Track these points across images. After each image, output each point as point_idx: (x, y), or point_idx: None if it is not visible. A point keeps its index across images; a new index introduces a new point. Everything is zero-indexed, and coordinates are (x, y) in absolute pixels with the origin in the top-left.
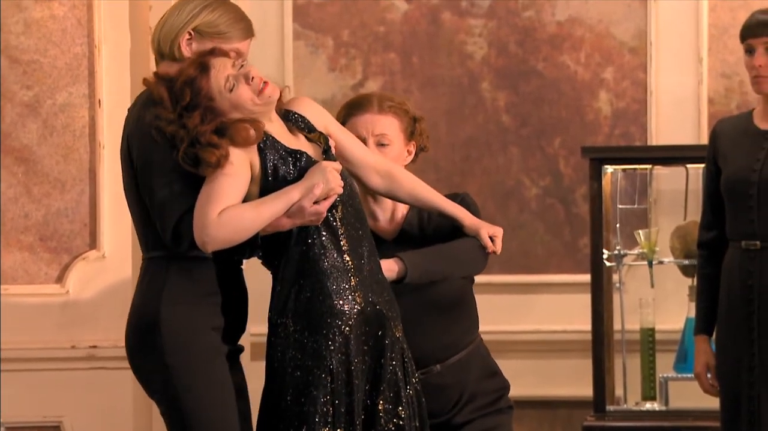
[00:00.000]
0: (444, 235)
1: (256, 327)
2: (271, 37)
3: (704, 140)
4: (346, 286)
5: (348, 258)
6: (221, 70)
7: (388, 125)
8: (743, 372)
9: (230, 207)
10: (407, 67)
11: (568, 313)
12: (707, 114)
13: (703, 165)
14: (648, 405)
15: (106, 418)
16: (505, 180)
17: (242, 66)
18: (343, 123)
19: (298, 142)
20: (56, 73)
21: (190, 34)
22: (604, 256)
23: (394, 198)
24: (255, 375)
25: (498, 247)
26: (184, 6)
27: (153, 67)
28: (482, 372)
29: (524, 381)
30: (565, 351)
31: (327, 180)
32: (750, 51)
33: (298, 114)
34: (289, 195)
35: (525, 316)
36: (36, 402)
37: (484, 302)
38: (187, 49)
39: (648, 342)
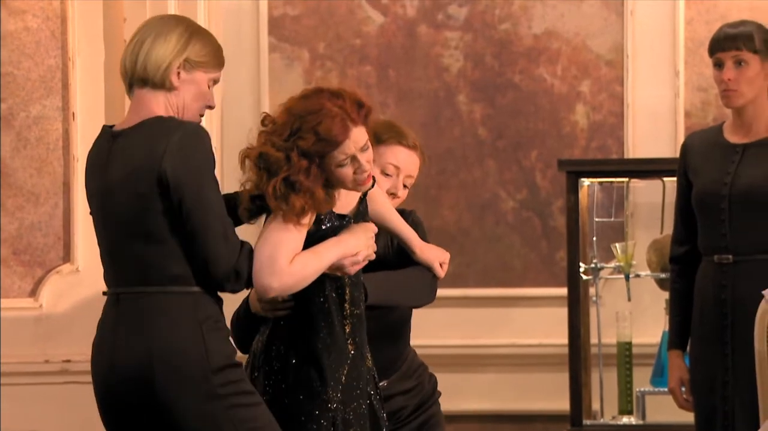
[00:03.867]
0: (391, 252)
1: None
2: (247, 50)
3: None
4: (343, 333)
5: (347, 305)
6: (349, 147)
7: (416, 168)
8: (717, 386)
9: (298, 256)
10: (383, 80)
11: (545, 326)
12: (684, 127)
13: None
14: (625, 419)
15: None
16: (481, 193)
17: (366, 148)
18: (379, 141)
19: None
20: (30, 86)
21: (180, 64)
22: (581, 269)
23: None
24: None
25: (444, 271)
26: (169, 34)
27: None
28: (418, 373)
29: (501, 394)
30: (541, 364)
31: (368, 246)
32: (718, 65)
33: None
34: (339, 249)
35: (501, 329)
36: (9, 416)
37: (460, 316)
38: (176, 78)
39: (625, 356)
